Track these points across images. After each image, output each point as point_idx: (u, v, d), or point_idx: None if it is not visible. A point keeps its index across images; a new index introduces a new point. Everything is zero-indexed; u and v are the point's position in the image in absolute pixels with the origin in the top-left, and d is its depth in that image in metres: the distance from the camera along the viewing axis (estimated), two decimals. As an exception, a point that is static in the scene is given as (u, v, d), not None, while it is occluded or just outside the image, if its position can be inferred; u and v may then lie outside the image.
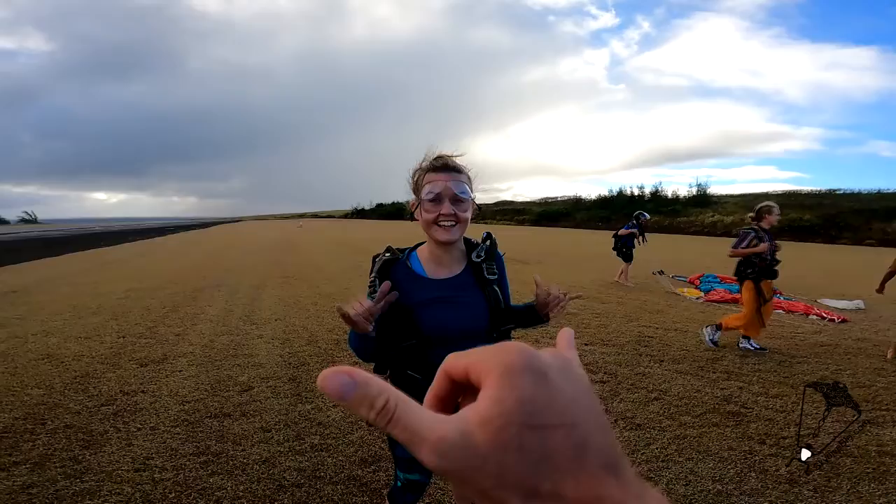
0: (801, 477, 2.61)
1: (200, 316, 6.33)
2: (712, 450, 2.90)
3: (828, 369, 4.46)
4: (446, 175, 1.31)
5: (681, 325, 6.00)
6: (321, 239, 26.23)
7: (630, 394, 3.76)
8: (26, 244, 27.80)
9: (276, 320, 6.07)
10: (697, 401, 3.65)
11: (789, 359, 4.73)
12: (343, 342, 5.02)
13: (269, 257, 15.43)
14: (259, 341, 5.10)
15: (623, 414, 3.38)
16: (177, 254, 17.87)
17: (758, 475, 2.64)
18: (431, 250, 1.41)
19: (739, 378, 4.15)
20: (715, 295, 8.22)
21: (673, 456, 2.83)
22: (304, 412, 3.32)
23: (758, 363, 4.56)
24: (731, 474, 2.65)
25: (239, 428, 3.08)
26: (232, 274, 10.88)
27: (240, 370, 4.19)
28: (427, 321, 1.33)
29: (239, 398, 3.57)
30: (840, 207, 35.91)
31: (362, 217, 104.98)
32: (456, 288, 1.38)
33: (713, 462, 2.77)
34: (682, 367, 4.42)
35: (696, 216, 42.34)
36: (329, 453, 2.77)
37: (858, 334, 5.77)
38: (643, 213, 9.93)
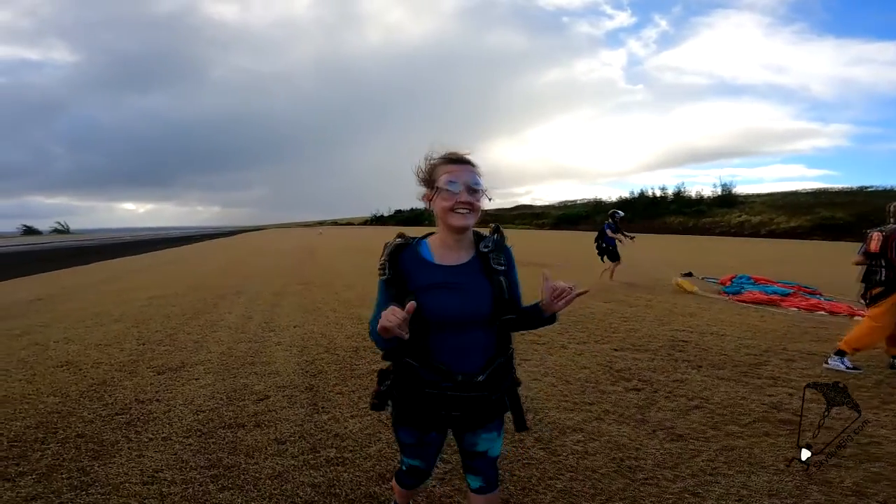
0: (868, 488, 2.36)
1: (220, 323, 6.26)
2: (766, 461, 2.64)
3: (882, 373, 4.14)
4: (463, 167, 1.42)
5: (717, 329, 5.67)
6: (341, 246, 26.33)
7: (668, 402, 3.50)
8: (56, 254, 28.64)
9: (294, 327, 5.96)
10: (744, 409, 3.37)
11: None
12: (362, 350, 4.87)
13: (289, 264, 15.47)
14: (277, 349, 4.97)
15: (661, 424, 3.13)
16: (200, 261, 18.09)
17: (820, 487, 2.39)
18: (443, 238, 1.46)
19: (788, 384, 3.85)
20: (748, 296, 7.83)
21: (722, 469, 2.58)
22: (321, 423, 3.15)
23: (806, 368, 4.24)
24: (789, 488, 2.40)
25: (252, 439, 2.93)
26: (253, 281, 10.88)
27: (256, 378, 4.05)
28: (429, 305, 1.35)
29: (254, 408, 3.43)
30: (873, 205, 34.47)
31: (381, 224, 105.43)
32: (462, 274, 1.42)
33: (768, 475, 2.52)
34: (722, 372, 4.13)
35: (723, 217, 41.23)
36: (345, 468, 2.59)
37: None
38: (617, 211, 10.24)
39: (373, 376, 4.06)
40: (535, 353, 4.70)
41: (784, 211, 37.91)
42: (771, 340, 5.13)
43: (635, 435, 2.97)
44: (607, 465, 2.63)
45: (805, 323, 6.03)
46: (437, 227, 1.48)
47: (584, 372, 4.15)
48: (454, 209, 1.38)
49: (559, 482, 2.47)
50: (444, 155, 1.46)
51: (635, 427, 3.08)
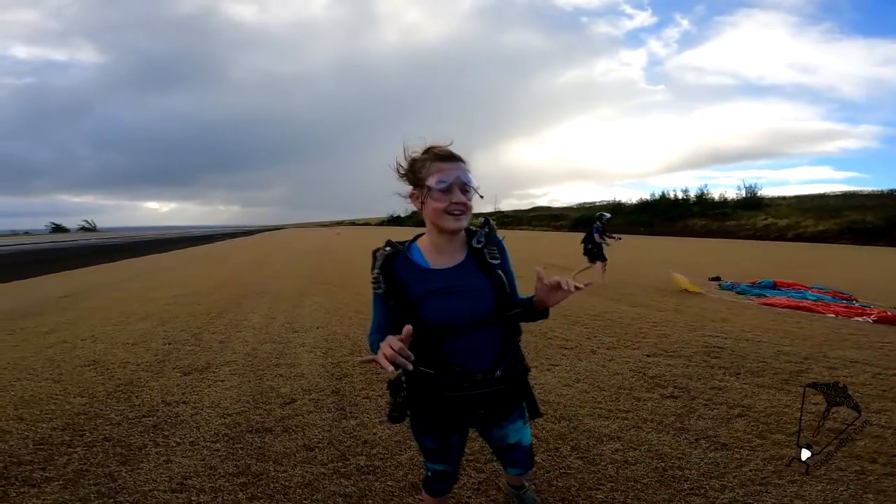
0: None
1: (244, 323, 6.26)
2: (817, 470, 2.50)
3: None
4: (454, 164, 1.34)
5: (752, 335, 5.47)
6: (359, 246, 26.42)
7: (708, 410, 3.35)
8: (83, 251, 29.34)
9: (317, 328, 5.92)
10: (789, 417, 3.21)
11: (884, 371, 4.18)
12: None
13: (309, 264, 15.54)
14: (301, 350, 4.93)
15: (704, 432, 2.99)
16: (223, 260, 18.30)
17: (876, 496, 2.28)
18: (433, 240, 1.41)
19: (832, 394, 3.66)
20: (782, 301, 7.58)
21: (771, 478, 2.46)
22: (349, 429, 3.08)
23: (850, 376, 4.04)
24: (844, 497, 2.28)
25: (281, 445, 2.86)
26: (274, 280, 10.94)
27: (282, 381, 4.01)
28: (433, 313, 1.32)
29: (281, 412, 3.38)
30: None
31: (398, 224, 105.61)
32: (460, 276, 1.38)
33: (822, 484, 2.39)
34: (762, 380, 3.95)
35: (747, 220, 40.26)
36: (376, 476, 2.51)
37: None
38: (604, 213, 10.40)
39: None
40: (565, 358, 4.58)
41: (811, 214, 36.88)
42: (810, 347, 4.91)
43: (676, 444, 2.84)
44: (649, 474, 2.51)
45: (844, 329, 5.78)
46: (427, 229, 1.42)
47: (616, 378, 4.01)
48: (448, 211, 1.32)
49: (600, 493, 2.36)
50: (431, 151, 1.37)
51: (675, 435, 2.95)
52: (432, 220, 1.36)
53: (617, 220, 49.31)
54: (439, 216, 1.33)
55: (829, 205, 38.69)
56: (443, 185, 1.31)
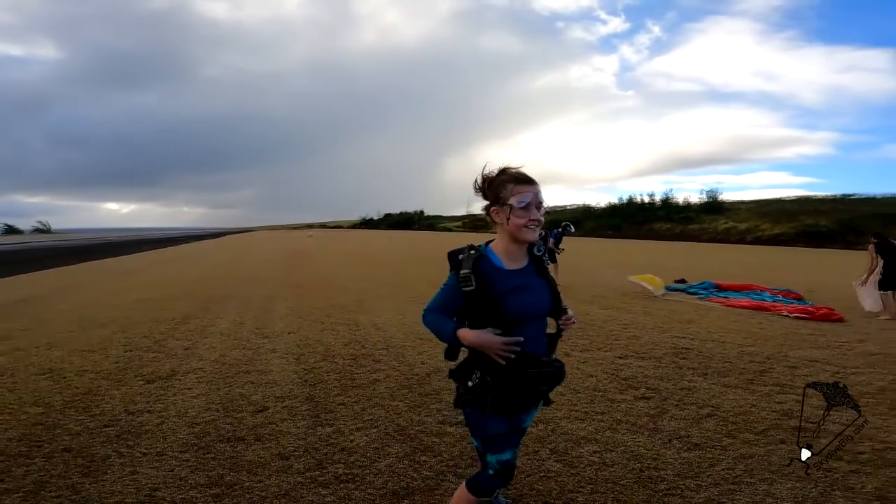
0: (891, 493, 2.34)
1: (211, 328, 6.07)
2: (786, 469, 2.59)
3: (885, 379, 4.12)
4: (532, 186, 1.59)
5: (717, 336, 5.64)
6: (332, 249, 26.08)
7: (679, 410, 3.43)
8: (38, 254, 27.89)
9: (289, 333, 5.79)
10: (756, 416, 3.31)
11: (842, 370, 4.38)
12: (361, 358, 4.75)
13: (280, 267, 15.24)
14: (272, 356, 4.81)
15: (676, 433, 3.05)
16: (188, 264, 17.74)
17: (844, 493, 2.36)
18: (507, 247, 1.64)
19: (795, 392, 3.80)
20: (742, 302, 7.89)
21: (743, 477, 2.52)
22: (325, 436, 3.01)
23: (810, 375, 4.21)
24: (813, 495, 2.35)
25: (254, 454, 2.77)
26: (243, 284, 10.66)
27: (253, 388, 3.89)
28: (513, 306, 1.56)
29: (253, 420, 3.27)
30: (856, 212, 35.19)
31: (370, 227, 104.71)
32: (528, 277, 1.64)
33: (791, 482, 2.46)
34: (728, 380, 4.08)
35: (710, 223, 41.69)
36: (356, 485, 2.45)
37: None
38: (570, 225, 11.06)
39: (374, 385, 3.96)
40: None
41: (769, 218, 38.51)
42: (772, 347, 5.10)
43: (651, 444, 2.89)
44: (627, 476, 2.55)
45: (803, 330, 6.04)
46: (501, 237, 1.65)
47: (590, 380, 4.06)
48: (527, 226, 1.57)
49: (580, 495, 2.37)
50: (510, 173, 1.62)
51: (650, 436, 3.00)
52: (512, 232, 1.59)
53: (587, 224, 50.20)
54: (520, 230, 1.58)
55: (786, 209, 40.49)
56: (523, 204, 1.56)
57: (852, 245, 30.20)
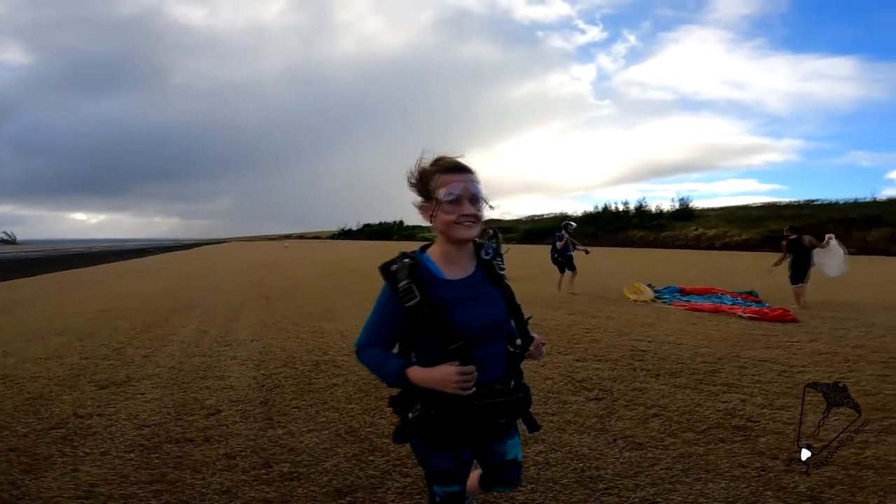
0: (823, 493, 2.39)
1: (172, 337, 5.99)
2: (721, 468, 2.66)
3: (830, 378, 4.26)
4: (463, 176, 1.35)
5: (674, 338, 5.81)
6: (307, 259, 25.84)
7: (628, 411, 3.52)
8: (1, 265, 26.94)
9: (252, 341, 5.76)
10: (699, 415, 3.42)
11: (789, 368, 4.54)
12: (322, 364, 4.75)
13: (251, 278, 15.05)
14: (232, 363, 4.79)
15: (622, 433, 3.14)
16: (155, 275, 17.38)
17: (775, 493, 2.41)
18: (444, 251, 1.41)
19: (740, 390, 3.94)
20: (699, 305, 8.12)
21: (679, 477, 2.58)
22: (275, 437, 3.03)
23: (758, 374, 4.36)
24: (745, 494, 2.40)
25: (201, 454, 2.79)
26: (211, 295, 10.52)
27: (208, 393, 3.88)
28: (461, 318, 1.33)
29: (204, 422, 3.28)
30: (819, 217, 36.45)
31: (349, 238, 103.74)
32: (474, 286, 1.39)
33: (725, 481, 2.52)
34: (679, 380, 4.20)
35: (681, 230, 42.67)
36: (299, 482, 2.48)
37: (854, 342, 5.62)
38: (570, 223, 10.44)
39: (332, 390, 3.98)
40: (499, 364, 4.68)
41: (736, 224, 39.57)
42: (725, 348, 5.27)
43: (596, 445, 2.96)
44: (568, 475, 2.60)
45: (756, 331, 6.25)
46: (438, 240, 1.42)
47: (546, 383, 4.15)
48: (458, 222, 1.33)
49: (520, 494, 2.41)
50: (439, 162, 1.38)
51: (596, 436, 3.07)
52: (443, 230, 1.36)
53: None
54: (450, 227, 1.34)
55: (752, 216, 41.67)
56: (451, 197, 1.32)
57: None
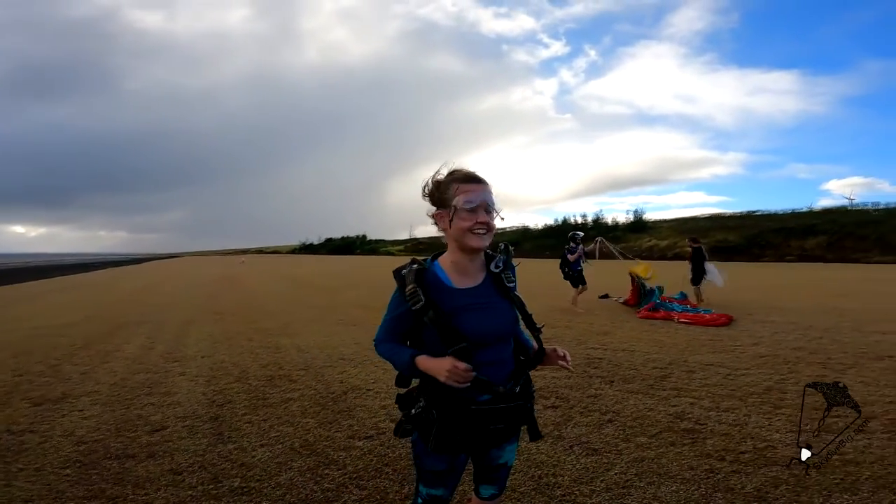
0: (769, 493, 2.47)
1: (115, 353, 5.70)
2: (673, 471, 2.72)
3: (772, 379, 4.45)
4: (480, 186, 1.41)
5: (628, 346, 5.97)
6: (265, 274, 25.16)
7: (583, 417, 3.58)
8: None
9: (202, 357, 5.54)
10: (651, 420, 3.51)
11: (733, 371, 4.71)
12: (277, 379, 4.62)
13: (204, 293, 14.50)
14: (180, 379, 4.59)
15: (578, 439, 3.18)
16: (100, 290, 16.49)
17: (724, 494, 2.47)
18: (455, 260, 1.45)
19: (689, 394, 4.07)
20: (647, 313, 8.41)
21: (633, 481, 2.62)
22: (225, 452, 2.91)
23: (705, 378, 4.52)
24: (696, 496, 2.46)
25: (144, 470, 2.67)
26: (159, 310, 10.08)
27: (153, 409, 3.71)
28: (469, 325, 1.38)
29: (148, 438, 3.14)
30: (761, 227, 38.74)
31: (311, 252, 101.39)
32: (481, 296, 1.44)
33: (676, 484, 2.58)
34: (632, 386, 4.32)
35: (635, 241, 44.24)
36: (250, 497, 2.39)
37: (793, 343, 5.93)
38: (577, 233, 9.62)
39: (286, 404, 3.89)
40: (458, 374, 4.67)
41: (686, 235, 41.55)
42: (674, 354, 5.46)
43: (553, 451, 2.98)
44: (526, 483, 2.61)
45: (703, 336, 6.51)
46: (450, 248, 1.47)
47: (504, 391, 4.16)
48: (472, 230, 1.38)
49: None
50: (457, 173, 1.45)
51: (553, 444, 3.10)
52: (457, 238, 1.40)
53: (524, 246, 51.74)
54: (464, 234, 1.38)
55: (700, 226, 43.78)
56: (469, 205, 1.37)
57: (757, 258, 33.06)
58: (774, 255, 33.43)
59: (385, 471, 2.72)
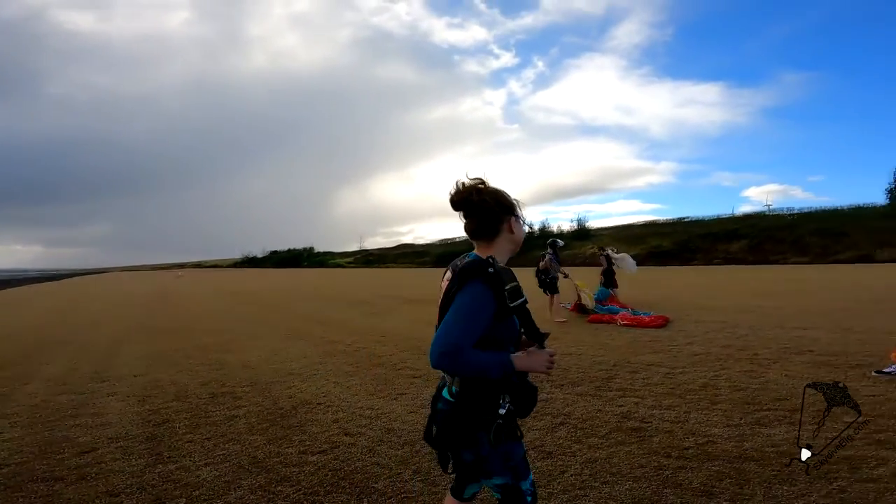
0: (714, 487, 2.54)
1: (34, 375, 5.25)
2: (624, 470, 2.78)
3: (706, 376, 4.66)
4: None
5: (575, 349, 6.13)
6: (206, 290, 23.94)
7: (536, 421, 3.62)
8: None
9: (135, 376, 5.20)
10: (600, 421, 3.59)
11: (672, 370, 4.92)
12: (220, 396, 4.41)
13: (137, 310, 13.61)
14: (110, 399, 4.29)
15: (532, 443, 3.20)
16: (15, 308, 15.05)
17: (673, 490, 2.53)
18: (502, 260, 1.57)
19: (634, 394, 4.21)
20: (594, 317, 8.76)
21: (588, 482, 2.66)
22: (166, 473, 2.74)
23: (646, 378, 4.67)
24: (648, 493, 2.51)
25: (75, 493, 2.49)
26: (85, 329, 9.37)
27: (81, 430, 3.46)
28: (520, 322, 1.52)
29: (77, 460, 2.93)
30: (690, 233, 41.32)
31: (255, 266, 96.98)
32: None
33: (629, 483, 2.63)
34: (580, 388, 4.42)
35: (579, 248, 45.83)
36: (196, 519, 2.24)
37: (723, 342, 6.29)
38: (557, 240, 9.60)
39: (231, 422, 3.73)
40: (412, 386, 4.62)
41: (625, 242, 43.50)
42: (618, 355, 5.65)
43: (508, 456, 3.00)
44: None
45: (644, 337, 6.81)
46: (505, 251, 1.60)
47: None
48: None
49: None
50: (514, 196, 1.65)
51: (508, 448, 3.12)
52: (517, 242, 1.61)
53: (473, 257, 52.17)
54: (520, 243, 1.62)
55: (637, 233, 46.21)
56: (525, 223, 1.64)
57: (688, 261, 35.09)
58: (703, 258, 35.61)
59: (342, 485, 2.64)
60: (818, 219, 38.84)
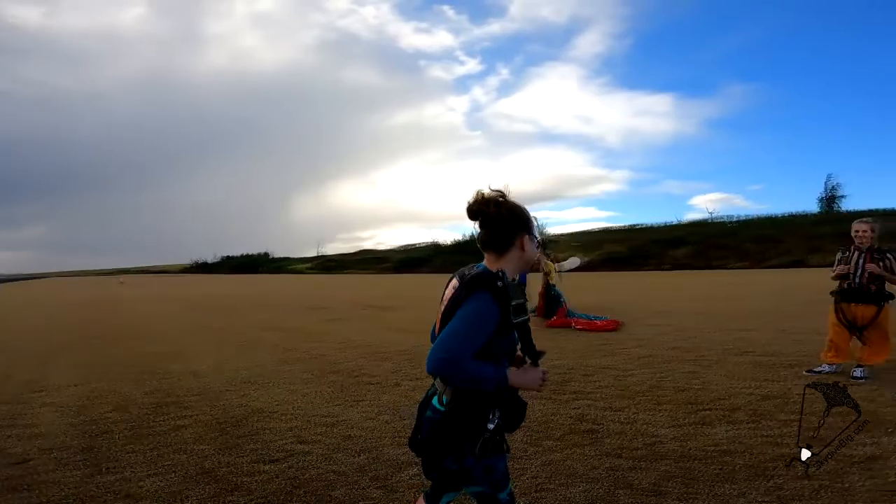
0: (663, 487, 2.61)
1: (-41, 387, 4.82)
2: (579, 471, 2.84)
3: (653, 378, 4.81)
4: None
5: (533, 355, 6.24)
6: (152, 296, 22.82)
7: (494, 424, 3.66)
8: None
9: (73, 386, 4.92)
10: (555, 423, 3.65)
11: (622, 373, 5.06)
12: (165, 406, 4.24)
13: (75, 318, 12.84)
14: (44, 410, 4.05)
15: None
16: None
17: (625, 491, 2.59)
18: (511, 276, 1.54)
19: (587, 396, 4.30)
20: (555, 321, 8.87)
21: (545, 483, 2.71)
22: (106, 484, 2.61)
23: (599, 381, 4.79)
24: (602, 494, 2.57)
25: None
26: (17, 336, 8.75)
27: (12, 441, 3.28)
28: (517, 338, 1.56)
29: (7, 471, 2.80)
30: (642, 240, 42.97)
31: (207, 272, 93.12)
32: None
33: (584, 484, 2.68)
34: (536, 392, 4.49)
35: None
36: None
37: (671, 344, 6.54)
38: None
39: (177, 432, 3.58)
40: (370, 392, 4.58)
41: (581, 248, 44.70)
42: (574, 359, 5.77)
43: (468, 460, 3.01)
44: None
45: (597, 341, 6.99)
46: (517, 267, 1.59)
47: (415, 406, 4.14)
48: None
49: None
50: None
51: (466, 454, 3.13)
52: (529, 260, 1.61)
53: (436, 261, 52.08)
54: (533, 261, 1.63)
55: (593, 240, 47.50)
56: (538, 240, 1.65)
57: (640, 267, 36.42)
58: (654, 264, 37.01)
59: (297, 493, 2.58)
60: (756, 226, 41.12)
